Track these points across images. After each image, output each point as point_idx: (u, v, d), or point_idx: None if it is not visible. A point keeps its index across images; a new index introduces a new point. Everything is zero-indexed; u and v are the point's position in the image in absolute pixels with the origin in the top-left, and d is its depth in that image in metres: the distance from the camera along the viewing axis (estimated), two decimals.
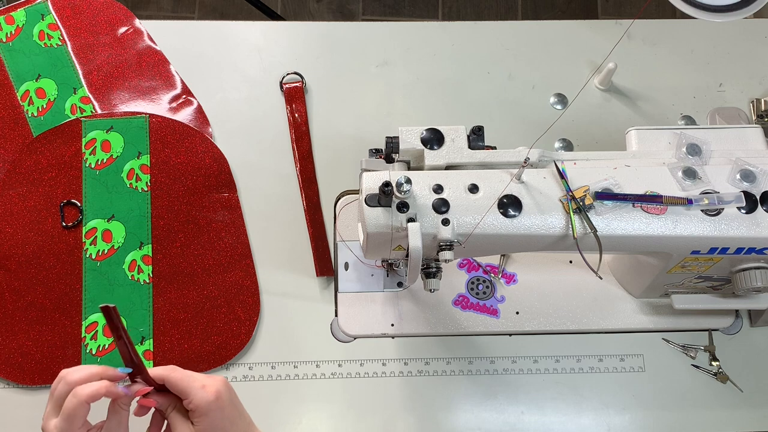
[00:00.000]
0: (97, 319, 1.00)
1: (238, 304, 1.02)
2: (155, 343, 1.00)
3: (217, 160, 1.08)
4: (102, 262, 1.03)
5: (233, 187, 1.07)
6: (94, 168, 1.06)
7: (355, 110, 1.13)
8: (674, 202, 0.83)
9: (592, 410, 1.00)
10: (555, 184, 0.84)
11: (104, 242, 1.03)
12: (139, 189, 1.06)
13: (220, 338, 1.00)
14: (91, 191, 1.05)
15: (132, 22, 1.14)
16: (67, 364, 0.97)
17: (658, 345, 1.02)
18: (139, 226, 1.04)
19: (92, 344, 1.00)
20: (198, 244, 1.04)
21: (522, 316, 1.02)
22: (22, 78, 1.10)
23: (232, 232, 1.05)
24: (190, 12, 2.08)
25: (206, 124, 1.10)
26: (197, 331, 1.01)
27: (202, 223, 1.05)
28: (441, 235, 0.81)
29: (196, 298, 1.02)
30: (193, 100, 1.11)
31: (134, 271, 1.02)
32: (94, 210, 1.05)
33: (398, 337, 1.02)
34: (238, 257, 1.04)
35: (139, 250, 1.03)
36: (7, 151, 1.07)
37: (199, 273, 1.03)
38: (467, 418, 0.99)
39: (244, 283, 1.03)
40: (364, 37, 1.17)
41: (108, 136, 1.07)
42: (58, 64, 1.11)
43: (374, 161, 0.88)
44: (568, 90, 1.14)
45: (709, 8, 0.92)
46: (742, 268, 0.88)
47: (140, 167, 1.06)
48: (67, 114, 1.09)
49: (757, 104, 1.13)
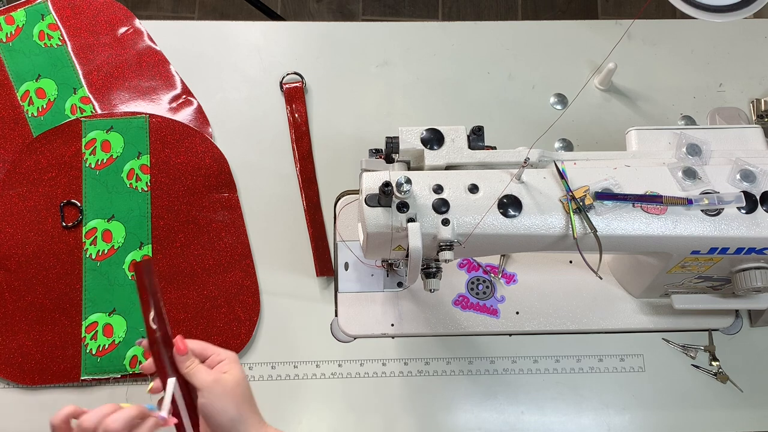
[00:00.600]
0: (97, 319, 1.00)
1: (238, 304, 1.02)
2: None
3: (217, 160, 1.08)
4: (102, 262, 1.03)
5: (233, 187, 1.07)
6: (94, 168, 1.06)
7: (355, 110, 1.13)
8: (674, 202, 0.83)
9: (592, 410, 1.00)
10: (555, 184, 0.84)
11: (104, 242, 1.03)
12: (139, 189, 1.06)
13: (221, 338, 1.00)
14: (91, 191, 1.05)
15: (132, 23, 1.14)
16: (66, 364, 0.98)
17: (658, 345, 1.02)
18: (139, 226, 1.04)
19: (92, 344, 1.00)
20: (198, 244, 1.04)
21: (522, 316, 1.02)
22: (22, 78, 1.10)
23: (232, 232, 1.05)
24: (190, 12, 2.08)
25: (206, 124, 1.10)
26: (197, 331, 1.01)
27: (202, 223, 1.05)
28: (441, 235, 0.81)
29: (196, 298, 1.02)
30: (193, 100, 1.11)
31: (134, 271, 1.02)
32: (94, 210, 1.05)
33: (398, 337, 1.02)
34: (238, 257, 1.04)
35: (139, 250, 1.03)
36: (7, 151, 1.07)
37: (199, 273, 1.03)
38: (467, 418, 0.99)
39: (244, 283, 1.03)
40: (364, 37, 1.17)
41: (108, 136, 1.07)
42: (58, 64, 1.11)
43: (374, 161, 0.88)
44: (568, 90, 1.14)
45: (709, 8, 0.92)
46: (742, 268, 0.88)
47: (140, 167, 1.06)
48: (67, 114, 1.09)
49: (757, 104, 1.13)
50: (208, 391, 0.76)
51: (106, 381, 0.99)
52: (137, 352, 0.99)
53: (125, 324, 1.00)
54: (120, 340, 1.00)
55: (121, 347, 1.00)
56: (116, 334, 1.00)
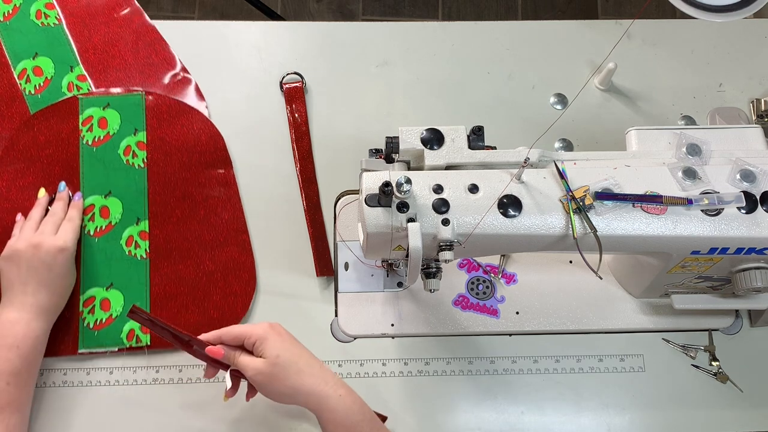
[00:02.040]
0: (95, 293, 1.02)
1: (235, 278, 1.03)
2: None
3: (212, 137, 1.09)
4: (100, 238, 1.04)
5: (229, 164, 1.08)
6: (91, 145, 1.07)
7: (355, 110, 1.13)
8: (674, 202, 0.83)
9: (592, 410, 1.00)
10: (555, 184, 0.84)
11: (102, 218, 1.05)
12: (136, 165, 1.07)
13: (217, 312, 1.01)
14: (88, 168, 1.06)
15: (130, 2, 1.15)
16: (64, 338, 1.00)
17: (658, 345, 1.02)
18: (136, 202, 1.05)
19: (90, 318, 1.01)
20: (194, 220, 1.05)
21: (522, 316, 1.02)
22: (19, 56, 1.11)
23: (228, 208, 1.06)
24: (190, 12, 2.08)
25: (201, 100, 1.11)
26: (194, 305, 1.02)
27: (198, 199, 1.06)
28: (441, 235, 0.81)
29: (193, 272, 1.03)
30: (189, 77, 1.12)
31: (131, 246, 1.04)
32: (92, 186, 1.06)
33: (398, 337, 1.02)
34: (234, 233, 1.05)
35: (136, 226, 1.04)
36: (4, 129, 1.08)
37: (195, 248, 1.04)
38: (467, 418, 0.99)
39: (240, 259, 1.04)
40: (364, 37, 1.17)
41: (105, 113, 1.08)
42: (55, 42, 1.12)
43: (374, 161, 0.88)
44: (568, 90, 1.14)
45: (709, 8, 0.92)
46: (742, 268, 0.88)
47: (137, 144, 1.07)
48: (64, 92, 1.10)
49: (757, 104, 1.13)
50: (254, 383, 0.86)
51: (103, 354, 1.00)
52: (134, 326, 1.00)
53: (122, 298, 1.02)
54: (117, 314, 1.01)
55: (118, 321, 1.01)
56: (113, 308, 1.01)
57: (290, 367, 0.84)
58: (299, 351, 0.87)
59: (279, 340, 0.86)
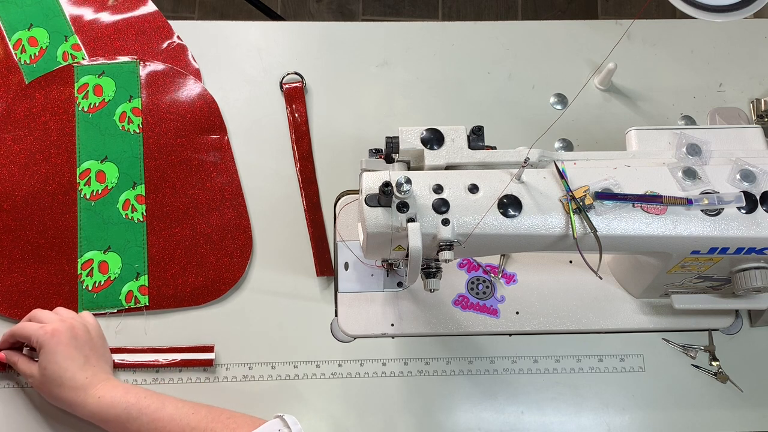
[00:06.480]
0: (93, 256, 1.03)
1: (231, 241, 1.04)
2: (150, 278, 1.02)
3: (206, 103, 1.10)
4: (96, 202, 1.05)
5: (223, 129, 1.10)
6: (86, 111, 1.08)
7: (355, 110, 1.13)
8: (674, 202, 0.83)
9: (591, 410, 1.00)
10: (555, 184, 0.84)
11: (98, 183, 1.06)
12: (131, 131, 1.08)
13: (215, 273, 1.03)
14: (84, 134, 1.08)
15: None
16: (63, 301, 1.02)
17: (658, 345, 1.02)
18: (131, 167, 1.06)
19: (88, 281, 1.02)
20: (190, 184, 1.07)
21: (522, 316, 1.02)
22: (14, 27, 1.13)
23: (224, 172, 1.07)
24: (190, 12, 2.08)
25: (195, 65, 1.13)
26: (191, 266, 1.03)
27: (194, 164, 1.07)
28: (441, 235, 0.81)
29: (190, 235, 1.04)
30: (183, 44, 1.13)
31: (128, 210, 1.05)
32: (88, 152, 1.07)
33: (398, 337, 1.02)
34: (230, 196, 1.06)
35: (132, 190, 1.06)
36: (1, 98, 1.09)
37: (191, 212, 1.05)
38: (467, 418, 0.99)
39: (236, 222, 1.05)
40: (364, 37, 1.17)
41: (100, 81, 1.10)
42: (50, 13, 1.13)
43: (374, 161, 0.88)
44: (568, 90, 1.14)
45: (709, 8, 0.92)
46: (742, 268, 0.88)
47: (132, 110, 1.09)
48: (59, 61, 1.11)
49: (757, 104, 1.13)
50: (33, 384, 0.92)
51: (102, 315, 1.01)
52: (132, 287, 1.01)
53: (120, 261, 1.03)
54: (115, 276, 1.02)
55: (116, 283, 1.02)
56: (111, 270, 1.02)
57: (53, 381, 0.89)
58: (66, 365, 0.89)
59: (52, 351, 0.89)
